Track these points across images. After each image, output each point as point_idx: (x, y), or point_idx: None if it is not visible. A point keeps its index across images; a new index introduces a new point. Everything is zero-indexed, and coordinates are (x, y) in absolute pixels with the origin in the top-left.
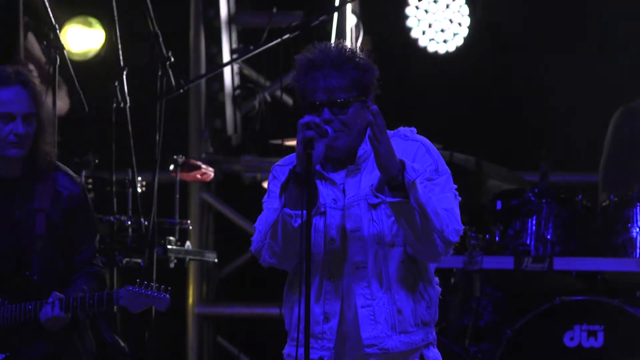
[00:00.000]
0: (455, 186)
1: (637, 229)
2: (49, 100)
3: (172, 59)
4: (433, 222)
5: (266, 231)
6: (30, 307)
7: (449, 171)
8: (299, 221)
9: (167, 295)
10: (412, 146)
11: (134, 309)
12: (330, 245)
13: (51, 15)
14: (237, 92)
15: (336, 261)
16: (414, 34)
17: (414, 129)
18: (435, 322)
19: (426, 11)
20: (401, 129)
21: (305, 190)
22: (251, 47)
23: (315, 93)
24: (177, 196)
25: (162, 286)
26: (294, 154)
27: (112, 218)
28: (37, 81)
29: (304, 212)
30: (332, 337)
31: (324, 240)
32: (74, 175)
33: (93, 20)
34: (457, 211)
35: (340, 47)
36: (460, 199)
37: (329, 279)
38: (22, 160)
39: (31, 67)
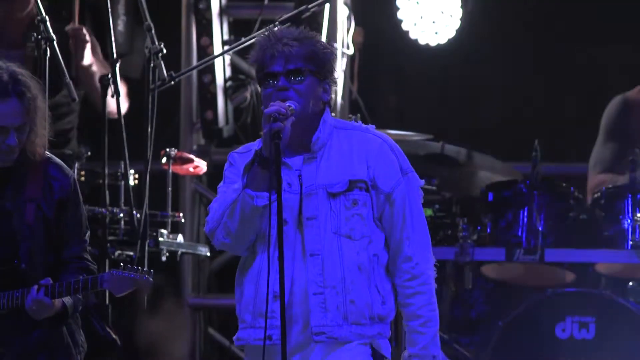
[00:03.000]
0: (422, 183)
1: (629, 221)
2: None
3: (164, 51)
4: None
5: (223, 210)
6: (17, 294)
7: (412, 168)
8: (260, 202)
9: (150, 278)
10: (373, 141)
11: (117, 292)
12: (283, 227)
13: (41, 6)
14: (229, 83)
15: (288, 244)
16: (405, 26)
17: (372, 126)
18: (392, 318)
19: (417, 3)
20: (359, 123)
21: (270, 175)
22: (242, 39)
23: (273, 60)
24: (170, 189)
25: (145, 269)
26: (251, 143)
27: (104, 210)
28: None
29: (273, 195)
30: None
31: (278, 223)
32: (65, 166)
33: None
34: (427, 231)
35: (302, 28)
36: (422, 193)
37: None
38: None
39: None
